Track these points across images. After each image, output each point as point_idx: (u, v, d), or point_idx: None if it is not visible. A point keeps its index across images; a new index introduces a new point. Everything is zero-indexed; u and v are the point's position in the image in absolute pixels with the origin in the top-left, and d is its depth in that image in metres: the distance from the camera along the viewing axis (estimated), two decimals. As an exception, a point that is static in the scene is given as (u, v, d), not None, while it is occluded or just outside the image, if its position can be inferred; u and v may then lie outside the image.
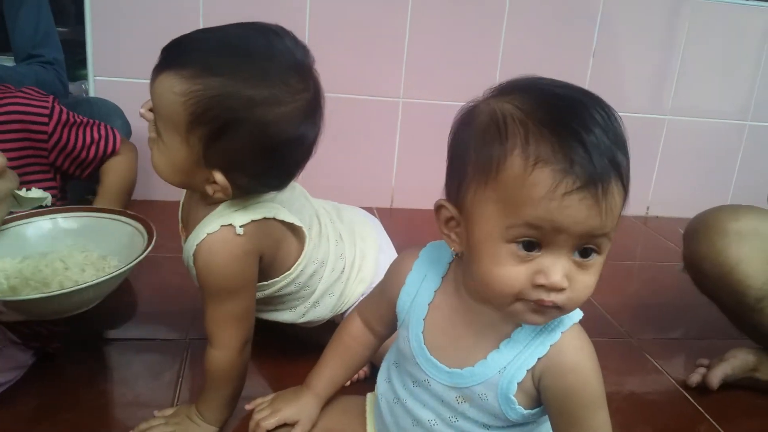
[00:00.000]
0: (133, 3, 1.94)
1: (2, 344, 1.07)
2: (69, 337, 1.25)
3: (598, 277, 0.67)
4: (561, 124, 0.62)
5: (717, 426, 1.20)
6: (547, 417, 0.76)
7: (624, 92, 2.37)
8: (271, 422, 0.89)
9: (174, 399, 1.13)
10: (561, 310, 0.66)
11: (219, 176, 0.90)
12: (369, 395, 0.95)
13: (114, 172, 1.28)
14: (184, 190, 1.08)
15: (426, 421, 0.79)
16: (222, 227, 0.94)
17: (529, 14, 2.18)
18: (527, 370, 0.72)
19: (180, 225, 1.10)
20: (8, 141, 1.10)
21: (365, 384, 1.18)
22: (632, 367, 1.40)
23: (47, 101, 1.14)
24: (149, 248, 0.96)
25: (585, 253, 0.65)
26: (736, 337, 1.38)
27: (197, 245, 0.95)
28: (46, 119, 1.13)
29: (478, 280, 0.69)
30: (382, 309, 0.88)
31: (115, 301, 1.32)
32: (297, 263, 1.06)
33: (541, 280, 0.64)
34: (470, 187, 0.67)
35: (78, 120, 1.18)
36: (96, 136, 1.19)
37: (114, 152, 1.21)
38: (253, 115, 0.86)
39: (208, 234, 0.94)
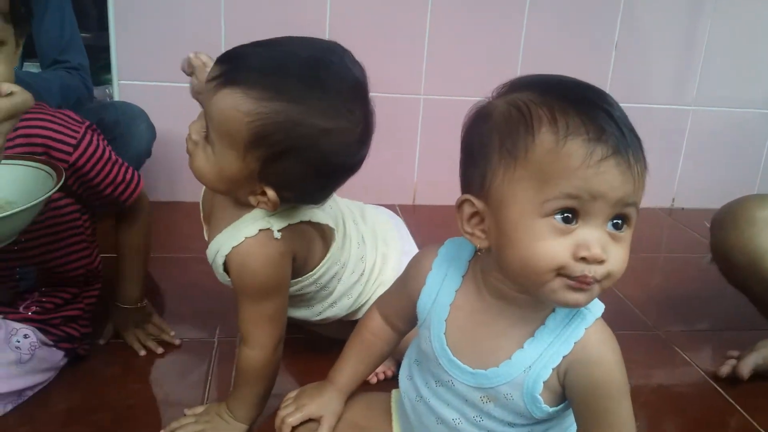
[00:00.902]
0: (155, 7, 1.96)
1: (36, 346, 1.09)
2: (98, 338, 1.28)
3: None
4: (584, 100, 0.66)
5: (748, 417, 1.19)
6: (569, 412, 0.76)
7: (647, 84, 2.34)
8: (297, 418, 0.90)
9: (203, 398, 1.14)
10: (600, 285, 0.67)
11: (270, 192, 0.90)
12: (394, 392, 0.96)
13: (135, 250, 1.28)
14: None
15: (450, 420, 0.79)
16: (260, 231, 0.95)
17: (550, 8, 2.17)
18: (553, 369, 0.72)
19: (201, 215, 1.11)
20: (31, 154, 1.08)
21: (391, 382, 1.18)
22: (660, 360, 1.39)
23: (78, 131, 1.10)
24: (55, 188, 0.94)
25: (617, 225, 0.66)
26: (765, 328, 1.36)
27: (234, 248, 0.95)
28: (71, 149, 1.09)
29: (515, 263, 0.68)
30: (402, 306, 0.88)
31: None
32: (321, 264, 1.07)
33: (584, 253, 0.64)
34: (497, 173, 0.68)
35: (108, 155, 1.14)
36: (119, 178, 1.16)
37: (129, 200, 1.19)
38: (318, 144, 0.87)
39: (246, 237, 0.95)
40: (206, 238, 1.07)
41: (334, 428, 0.90)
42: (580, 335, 0.72)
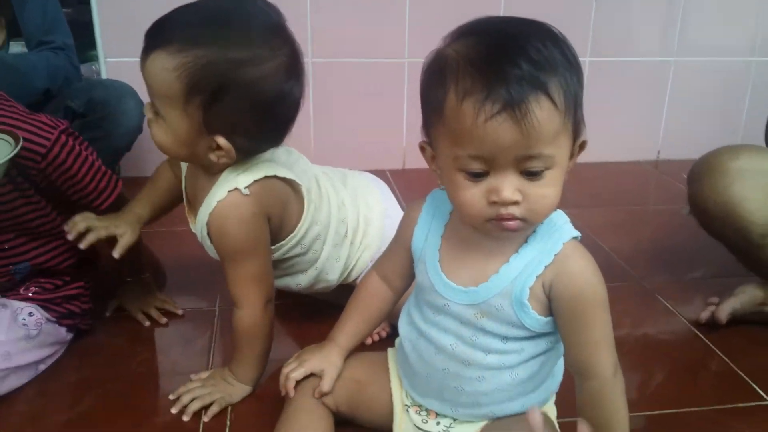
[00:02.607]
0: (136, -18, 1.96)
1: (42, 322, 1.14)
2: (103, 312, 1.33)
3: (560, 187, 0.74)
4: (486, 60, 0.69)
5: (727, 360, 1.24)
6: (561, 349, 0.84)
7: (629, 37, 2.36)
8: (300, 372, 0.95)
9: (208, 364, 1.19)
10: (525, 221, 0.74)
11: (222, 140, 0.96)
12: (390, 350, 1.01)
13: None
14: (183, 177, 1.14)
15: (448, 345, 0.85)
16: (229, 192, 1.00)
17: (529, -35, 2.18)
18: (537, 276, 0.78)
19: (186, 208, 1.16)
20: None
21: (386, 342, 1.24)
22: (645, 310, 1.44)
23: (50, 138, 1.07)
24: (15, 151, 0.95)
25: (530, 174, 0.71)
26: (745, 275, 1.40)
27: (210, 214, 1.01)
28: (38, 158, 1.07)
29: (454, 206, 0.78)
30: (398, 259, 0.94)
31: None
32: (300, 224, 1.12)
33: (493, 197, 0.72)
34: (431, 126, 0.76)
35: (80, 164, 1.12)
36: (91, 186, 1.16)
37: (101, 206, 1.18)
38: (242, 75, 0.93)
39: (218, 202, 1.00)
40: (192, 229, 1.12)
41: (335, 384, 0.95)
42: (559, 248, 0.79)
